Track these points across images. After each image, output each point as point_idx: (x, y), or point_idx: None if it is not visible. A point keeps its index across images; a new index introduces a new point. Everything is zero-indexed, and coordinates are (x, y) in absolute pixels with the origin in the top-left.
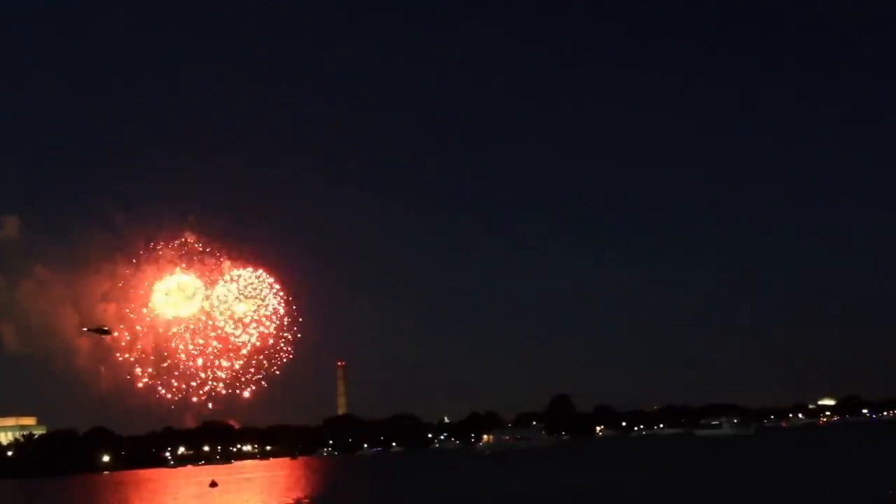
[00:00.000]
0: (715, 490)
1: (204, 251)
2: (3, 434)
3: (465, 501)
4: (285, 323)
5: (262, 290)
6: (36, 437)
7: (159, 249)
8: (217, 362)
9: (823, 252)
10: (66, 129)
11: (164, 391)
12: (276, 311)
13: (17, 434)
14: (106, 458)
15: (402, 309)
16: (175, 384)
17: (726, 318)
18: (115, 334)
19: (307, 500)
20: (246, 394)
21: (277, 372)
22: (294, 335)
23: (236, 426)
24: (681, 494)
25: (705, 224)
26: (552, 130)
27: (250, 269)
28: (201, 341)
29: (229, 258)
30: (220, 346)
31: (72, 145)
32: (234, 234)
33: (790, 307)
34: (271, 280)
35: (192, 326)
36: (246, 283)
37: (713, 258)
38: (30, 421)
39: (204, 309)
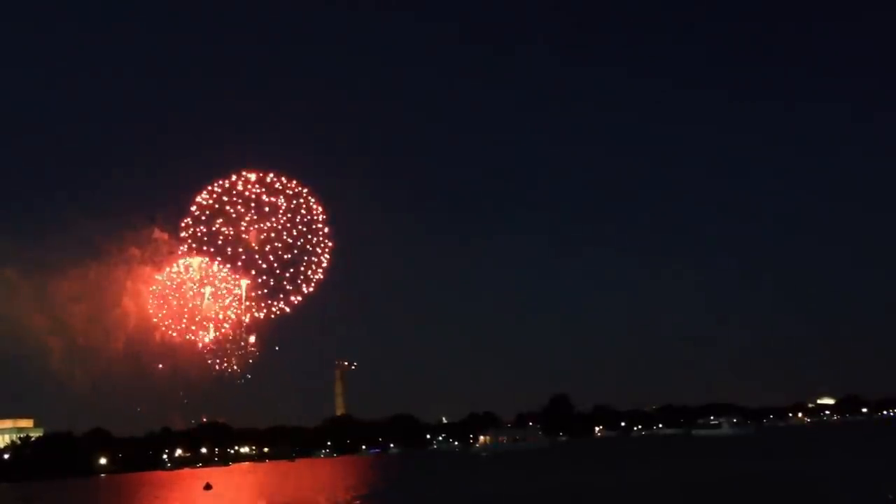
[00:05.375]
0: (711, 490)
1: (174, 251)
2: (0, 437)
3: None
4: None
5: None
6: (33, 439)
7: (128, 249)
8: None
9: (823, 251)
10: (31, 131)
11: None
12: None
13: (15, 436)
14: (103, 461)
15: (402, 309)
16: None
17: (726, 317)
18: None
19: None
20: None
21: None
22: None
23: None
24: (675, 496)
25: (706, 224)
26: (553, 130)
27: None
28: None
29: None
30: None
31: (38, 146)
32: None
33: (790, 306)
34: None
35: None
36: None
37: (714, 258)
38: (27, 423)
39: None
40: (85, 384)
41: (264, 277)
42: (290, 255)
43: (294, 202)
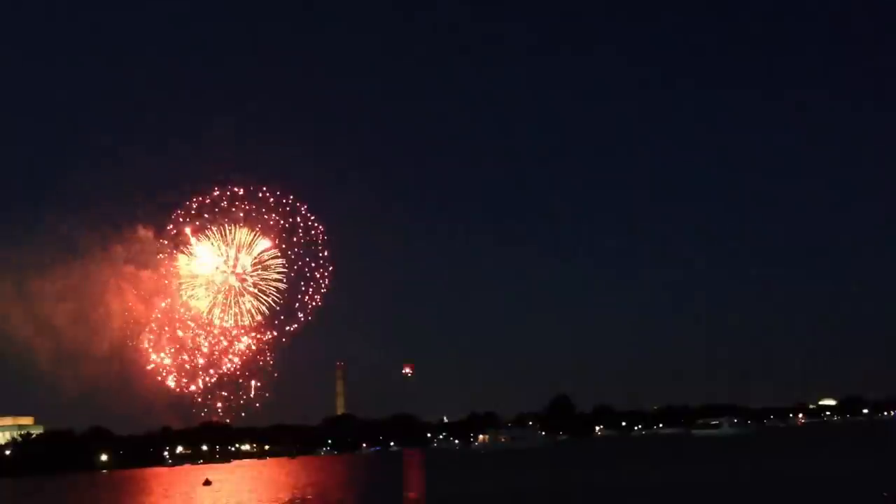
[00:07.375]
0: (711, 490)
1: (157, 248)
2: (0, 434)
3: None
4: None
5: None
6: (34, 436)
7: (112, 247)
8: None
9: (824, 251)
10: (12, 129)
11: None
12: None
13: (15, 433)
14: (104, 458)
15: (402, 309)
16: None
17: (726, 317)
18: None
19: (299, 499)
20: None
21: (275, 374)
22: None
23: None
24: (675, 495)
25: (705, 224)
26: (553, 130)
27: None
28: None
29: (184, 252)
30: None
31: (17, 144)
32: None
33: (790, 306)
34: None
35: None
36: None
37: (715, 258)
38: (28, 420)
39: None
40: (77, 385)
41: (255, 304)
42: (286, 282)
43: (290, 220)
